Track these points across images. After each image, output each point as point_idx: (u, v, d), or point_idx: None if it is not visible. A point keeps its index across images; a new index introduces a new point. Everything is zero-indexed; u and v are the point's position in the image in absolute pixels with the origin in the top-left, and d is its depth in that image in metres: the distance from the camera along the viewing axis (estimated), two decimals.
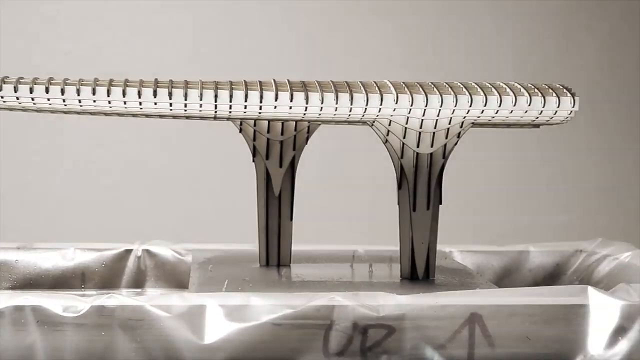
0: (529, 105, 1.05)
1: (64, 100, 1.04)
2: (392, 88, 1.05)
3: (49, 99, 1.04)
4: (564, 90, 1.06)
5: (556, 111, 1.06)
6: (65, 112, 1.07)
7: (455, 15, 1.66)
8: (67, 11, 1.67)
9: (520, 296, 0.98)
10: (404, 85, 1.06)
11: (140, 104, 1.05)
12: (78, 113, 1.08)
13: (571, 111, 1.06)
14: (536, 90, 1.06)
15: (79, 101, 1.04)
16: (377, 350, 0.95)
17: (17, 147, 1.66)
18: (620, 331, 0.97)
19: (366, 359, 0.95)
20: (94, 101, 1.05)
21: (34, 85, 1.04)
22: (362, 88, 1.05)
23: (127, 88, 1.04)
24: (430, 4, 1.60)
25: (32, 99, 1.05)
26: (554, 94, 1.06)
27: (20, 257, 1.27)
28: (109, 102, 1.05)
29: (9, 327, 0.93)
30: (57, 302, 0.94)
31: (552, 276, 1.29)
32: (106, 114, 1.08)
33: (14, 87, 1.04)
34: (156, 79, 1.05)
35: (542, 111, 1.06)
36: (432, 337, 0.95)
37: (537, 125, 1.10)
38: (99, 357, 0.94)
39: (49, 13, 1.66)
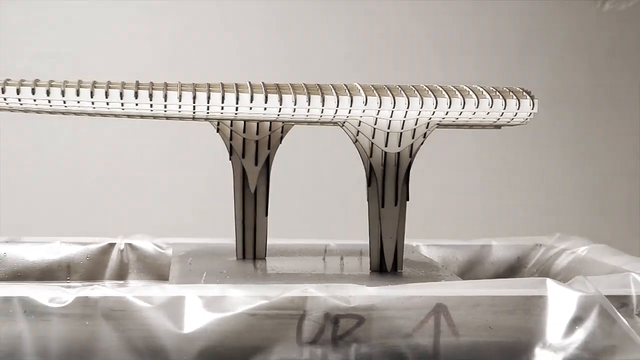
0: (491, 107, 1.06)
1: (49, 101, 1.04)
2: (361, 90, 1.05)
3: (35, 100, 1.04)
4: (524, 93, 1.07)
5: (516, 113, 1.06)
6: (50, 113, 1.07)
7: (423, 22, 1.67)
8: (54, 14, 1.67)
9: (483, 288, 0.98)
10: (372, 88, 1.06)
11: (122, 104, 1.04)
12: (63, 113, 1.08)
13: (530, 113, 1.06)
14: (498, 93, 1.06)
15: (64, 102, 1.04)
16: (347, 339, 0.95)
17: (3, 145, 1.66)
18: (577, 321, 0.97)
19: (337, 348, 0.95)
20: (78, 102, 1.05)
21: (21, 87, 1.04)
22: (333, 90, 1.05)
23: (109, 90, 1.04)
24: (399, 9, 1.61)
25: (19, 99, 1.04)
26: (514, 97, 1.06)
27: (8, 250, 1.27)
28: (92, 103, 1.04)
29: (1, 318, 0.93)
30: (43, 293, 0.94)
31: (513, 269, 1.29)
32: (90, 115, 1.08)
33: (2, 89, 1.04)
34: (137, 81, 1.05)
35: (503, 113, 1.06)
36: (399, 326, 0.96)
37: (499, 126, 1.10)
38: (83, 345, 0.94)
39: (35, 14, 1.66)
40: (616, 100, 1.80)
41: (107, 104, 1.04)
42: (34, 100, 1.04)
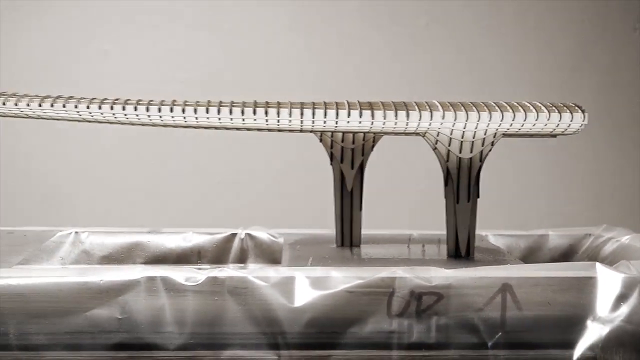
0: (548, 119, 1.05)
1: (173, 117, 1.05)
2: (439, 107, 1.05)
3: (160, 117, 1.06)
4: (576, 107, 1.06)
5: (570, 124, 1.06)
6: (174, 126, 1.08)
7: (487, 46, 1.66)
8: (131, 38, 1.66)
9: (542, 270, 0.98)
10: (449, 104, 1.06)
11: (243, 120, 1.06)
12: (194, 127, 1.09)
13: (582, 124, 1.06)
14: (554, 107, 1.06)
15: (196, 118, 1.05)
16: (429, 312, 0.95)
17: (133, 147, 1.65)
18: (621, 298, 0.96)
19: (420, 320, 0.95)
20: (208, 118, 1.06)
21: (140, 105, 1.05)
22: (415, 107, 1.05)
23: (233, 107, 1.05)
24: (463, 35, 1.60)
25: (136, 115, 1.06)
26: (568, 111, 1.06)
27: (151, 239, 1.29)
28: (219, 119, 1.06)
29: (144, 293, 0.94)
30: (180, 274, 0.95)
31: (566, 255, 1.28)
32: (216, 128, 1.09)
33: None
34: (255, 101, 1.06)
35: (558, 124, 1.06)
36: (472, 302, 0.95)
37: (554, 135, 1.09)
38: (212, 317, 0.95)
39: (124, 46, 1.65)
40: None
41: (231, 119, 1.06)
42: (159, 117, 1.06)
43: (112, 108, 1.05)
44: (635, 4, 1.62)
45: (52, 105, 1.05)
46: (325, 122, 1.04)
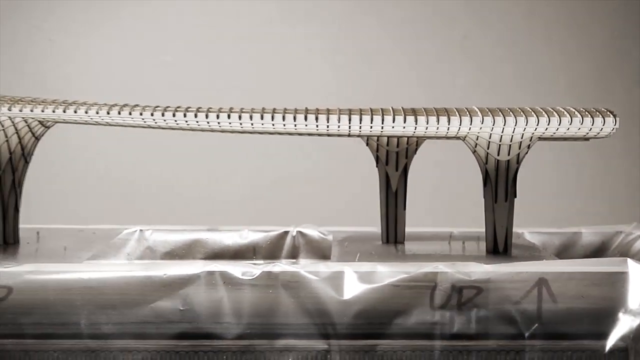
0: (581, 124, 1.04)
1: (273, 125, 1.06)
2: (478, 112, 1.05)
3: (230, 123, 1.06)
4: (608, 112, 1.05)
5: (602, 128, 1.05)
6: (260, 133, 1.09)
7: (525, 56, 1.65)
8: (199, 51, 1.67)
9: (576, 265, 0.97)
10: (487, 110, 1.05)
11: (295, 125, 1.06)
12: (250, 133, 1.09)
13: (613, 128, 1.05)
14: (587, 112, 1.05)
15: (252, 125, 1.06)
16: (469, 305, 0.95)
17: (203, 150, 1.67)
18: None
19: (461, 312, 0.95)
20: (262, 124, 1.06)
21: (200, 112, 1.06)
22: (456, 112, 1.05)
23: (285, 114, 1.05)
24: (498, 46, 1.59)
25: (197, 122, 1.06)
26: (600, 116, 1.05)
27: (209, 236, 1.29)
28: (273, 125, 1.06)
29: (204, 286, 0.95)
30: (237, 269, 0.96)
31: (599, 251, 1.27)
32: (270, 133, 1.09)
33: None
34: (306, 108, 1.06)
35: (591, 128, 1.05)
36: (509, 295, 0.95)
37: (587, 139, 1.09)
38: (267, 308, 0.95)
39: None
40: None
41: (284, 125, 1.06)
42: (229, 123, 1.06)
43: (174, 115, 1.06)
44: None
45: (119, 113, 1.06)
46: (371, 127, 1.04)
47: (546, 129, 1.04)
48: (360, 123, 1.04)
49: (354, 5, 1.58)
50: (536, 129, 1.04)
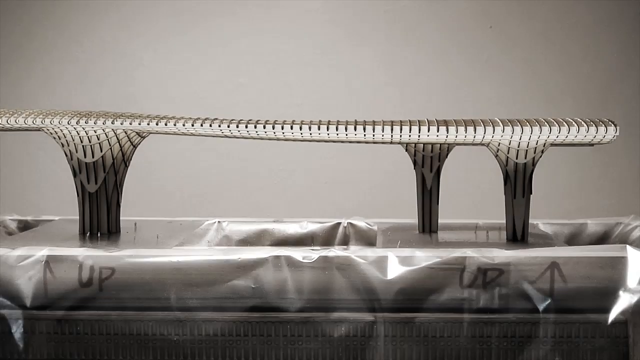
0: (587, 132, 1.03)
1: (346, 135, 1.06)
2: (500, 122, 1.04)
3: (302, 132, 1.06)
4: (610, 122, 1.04)
5: (604, 135, 1.04)
6: (317, 141, 1.09)
7: (539, 74, 1.63)
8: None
9: (583, 251, 0.96)
10: (507, 121, 1.05)
11: (346, 134, 1.06)
12: (309, 140, 1.09)
13: (614, 135, 1.03)
14: (592, 122, 1.04)
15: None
16: (492, 284, 0.94)
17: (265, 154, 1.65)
18: None
19: (486, 290, 0.94)
20: (319, 133, 1.06)
21: (277, 124, 1.06)
22: (481, 123, 1.04)
23: (338, 125, 1.05)
24: (519, 69, 1.58)
25: (274, 132, 1.06)
26: (603, 125, 1.03)
27: (275, 226, 1.29)
28: (328, 134, 1.06)
29: (271, 268, 0.95)
30: (299, 253, 0.96)
31: (602, 239, 1.26)
32: (325, 141, 1.09)
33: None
34: (355, 120, 1.06)
35: (595, 136, 1.03)
36: (527, 276, 0.94)
37: (592, 144, 1.07)
38: (324, 287, 0.95)
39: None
40: None
41: (337, 134, 1.06)
42: (298, 132, 1.06)
43: (255, 127, 1.06)
44: None
45: (201, 125, 1.07)
46: (410, 135, 1.04)
47: (557, 136, 1.03)
48: (401, 132, 1.03)
49: (396, 36, 1.58)
50: (549, 136, 1.03)
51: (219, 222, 1.28)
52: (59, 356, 0.96)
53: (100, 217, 1.16)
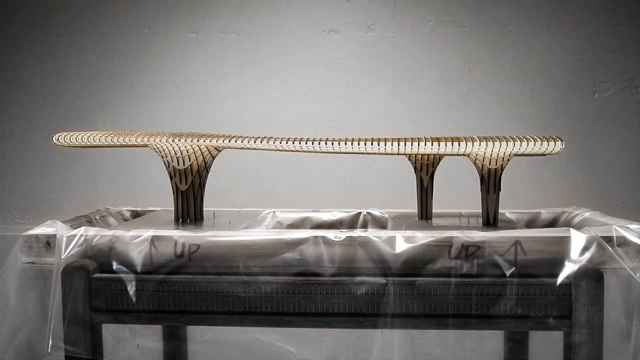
0: (541, 146, 1.02)
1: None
2: (477, 139, 1.03)
3: (332, 144, 1.05)
4: (558, 138, 1.03)
5: (554, 148, 1.03)
6: (345, 153, 1.06)
7: (508, 102, 1.60)
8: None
9: (538, 232, 0.95)
10: (483, 137, 1.04)
11: (365, 147, 1.04)
12: (338, 153, 1.08)
13: (561, 148, 1.03)
14: (544, 138, 1.03)
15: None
16: (472, 257, 0.94)
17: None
18: (585, 249, 0.94)
19: (467, 261, 0.94)
20: (339, 147, 1.05)
21: (321, 141, 1.04)
22: (464, 139, 1.04)
23: (360, 141, 1.03)
24: (489, 100, 1.55)
25: (318, 145, 1.04)
26: (553, 140, 1.02)
27: (314, 215, 1.28)
28: (345, 147, 1.04)
29: (312, 244, 0.95)
30: (331, 234, 0.96)
31: (551, 224, 1.25)
32: (343, 153, 1.07)
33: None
34: (372, 137, 1.05)
35: (547, 148, 1.03)
36: (497, 250, 0.94)
37: (545, 155, 1.06)
38: (349, 258, 0.95)
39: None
40: None
41: (351, 147, 1.05)
42: (332, 145, 1.06)
43: (300, 143, 1.05)
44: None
45: (261, 142, 1.08)
46: (412, 148, 1.04)
47: (519, 149, 1.03)
48: (405, 146, 1.03)
49: (401, 76, 1.58)
50: (513, 149, 1.03)
51: (273, 212, 1.29)
52: (160, 307, 0.97)
53: (189, 208, 1.16)
